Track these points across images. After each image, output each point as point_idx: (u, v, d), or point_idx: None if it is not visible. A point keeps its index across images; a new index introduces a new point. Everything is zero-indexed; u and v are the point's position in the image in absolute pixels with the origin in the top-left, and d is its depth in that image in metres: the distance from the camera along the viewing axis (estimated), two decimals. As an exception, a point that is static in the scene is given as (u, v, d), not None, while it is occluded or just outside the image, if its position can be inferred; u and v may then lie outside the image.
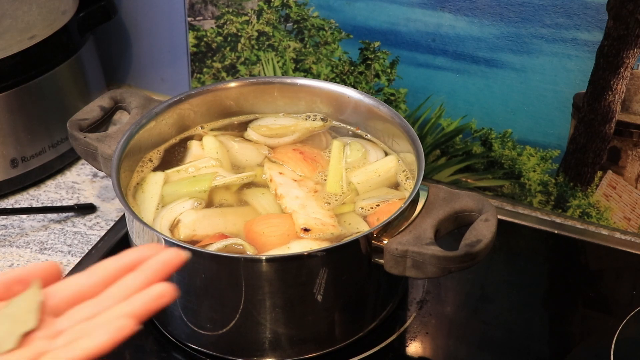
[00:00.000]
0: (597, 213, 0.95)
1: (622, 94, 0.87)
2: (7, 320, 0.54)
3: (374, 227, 0.73)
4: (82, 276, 0.57)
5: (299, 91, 0.93)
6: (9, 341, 0.53)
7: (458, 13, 0.90)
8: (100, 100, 0.92)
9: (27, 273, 0.56)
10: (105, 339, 0.52)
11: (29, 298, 0.55)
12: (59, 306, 0.56)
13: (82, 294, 0.56)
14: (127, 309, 0.54)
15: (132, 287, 0.55)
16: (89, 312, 0.55)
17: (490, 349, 0.83)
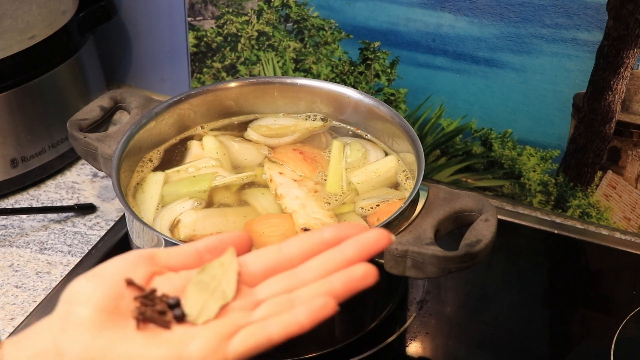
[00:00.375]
0: (597, 213, 0.95)
1: (622, 94, 0.87)
2: (204, 289, 0.52)
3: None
4: (278, 247, 0.55)
5: (299, 91, 0.93)
6: (208, 311, 0.51)
7: (458, 13, 0.90)
8: (100, 100, 0.92)
9: (220, 242, 0.55)
10: (305, 318, 0.50)
11: (225, 267, 0.53)
12: (255, 275, 0.54)
13: (279, 265, 0.54)
14: (327, 287, 0.51)
15: (332, 264, 0.53)
16: (286, 284, 0.52)
17: (490, 349, 0.83)
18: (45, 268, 0.90)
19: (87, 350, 0.49)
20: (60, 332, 0.50)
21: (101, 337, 0.49)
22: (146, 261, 0.53)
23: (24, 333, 0.51)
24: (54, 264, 0.91)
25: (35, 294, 0.87)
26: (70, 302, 0.51)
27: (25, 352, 0.50)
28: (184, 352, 0.49)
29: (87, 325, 0.49)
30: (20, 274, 0.89)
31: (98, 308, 0.50)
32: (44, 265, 0.90)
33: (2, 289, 0.87)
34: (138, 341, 0.50)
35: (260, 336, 0.50)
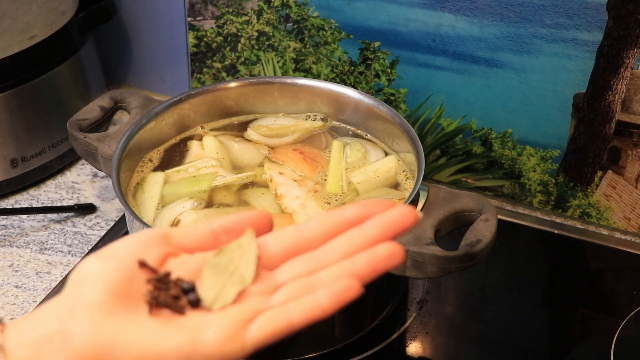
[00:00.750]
0: (597, 213, 0.95)
1: (622, 94, 0.87)
2: (221, 272, 0.49)
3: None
4: (297, 228, 0.52)
5: (299, 91, 0.93)
6: (225, 296, 0.48)
7: (458, 13, 0.90)
8: (100, 100, 0.92)
9: (238, 222, 0.52)
10: (327, 301, 0.47)
11: (243, 249, 0.50)
12: (274, 258, 0.51)
13: (299, 247, 0.51)
14: (351, 269, 0.48)
15: (355, 244, 0.49)
16: (306, 267, 0.50)
17: (490, 349, 0.83)
18: (45, 268, 0.90)
19: (96, 334, 0.46)
20: (67, 315, 0.47)
21: (111, 321, 0.47)
22: (160, 241, 0.51)
23: (28, 316, 0.49)
24: (54, 264, 0.91)
25: (36, 294, 0.87)
26: (79, 283, 0.48)
27: (30, 336, 0.47)
28: (200, 339, 0.47)
29: (96, 308, 0.47)
30: (21, 274, 0.89)
31: (108, 290, 0.48)
32: (44, 265, 0.90)
33: (2, 289, 0.87)
34: (150, 327, 0.47)
35: (281, 321, 0.47)
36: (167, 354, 0.46)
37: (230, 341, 0.47)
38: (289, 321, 0.47)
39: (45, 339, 0.47)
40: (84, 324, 0.46)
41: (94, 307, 0.47)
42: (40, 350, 0.46)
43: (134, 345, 0.46)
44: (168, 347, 0.46)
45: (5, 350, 0.46)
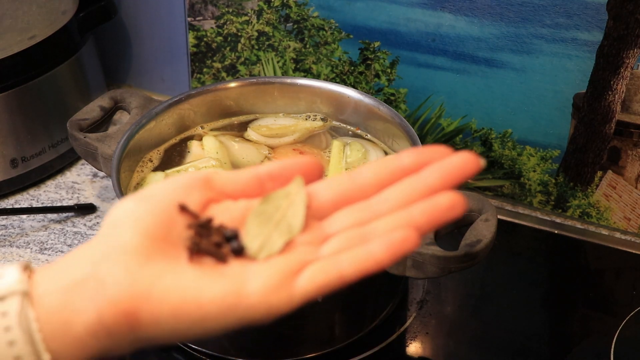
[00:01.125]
0: (597, 213, 0.95)
1: (622, 94, 0.87)
2: (267, 221, 0.46)
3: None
4: (350, 175, 0.48)
5: (299, 91, 0.93)
6: (271, 246, 0.45)
7: (458, 13, 0.90)
8: (100, 100, 0.92)
9: (285, 168, 0.48)
10: (381, 252, 0.43)
11: (291, 197, 0.47)
12: (324, 208, 0.47)
13: (351, 196, 0.47)
14: (407, 219, 0.45)
15: (412, 193, 0.46)
16: (359, 217, 0.46)
17: (490, 349, 0.83)
18: (45, 268, 0.90)
19: (132, 280, 0.43)
20: (101, 259, 0.43)
21: (148, 267, 0.43)
22: (202, 186, 0.47)
23: (59, 261, 0.45)
24: (54, 264, 0.91)
25: (35, 294, 0.87)
26: (114, 225, 0.45)
27: (60, 282, 0.44)
28: (244, 289, 0.43)
29: (132, 253, 0.43)
30: (20, 274, 0.89)
31: (146, 234, 0.44)
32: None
33: (2, 289, 0.88)
34: (190, 275, 0.44)
35: (332, 273, 0.44)
36: (208, 304, 0.43)
37: (276, 292, 0.43)
38: (341, 273, 0.44)
39: (77, 284, 0.43)
40: (118, 269, 0.43)
41: (130, 251, 0.44)
42: (72, 297, 0.43)
43: (172, 293, 0.43)
44: (209, 296, 0.43)
45: (33, 297, 0.43)
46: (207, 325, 0.43)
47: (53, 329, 0.43)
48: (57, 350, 0.43)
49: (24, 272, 0.44)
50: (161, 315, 0.42)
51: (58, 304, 0.43)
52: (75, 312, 0.43)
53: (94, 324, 0.42)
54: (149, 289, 0.42)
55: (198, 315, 0.43)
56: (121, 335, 0.43)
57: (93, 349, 0.43)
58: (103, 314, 0.42)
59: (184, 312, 0.42)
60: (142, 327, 0.43)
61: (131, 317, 0.42)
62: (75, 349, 0.43)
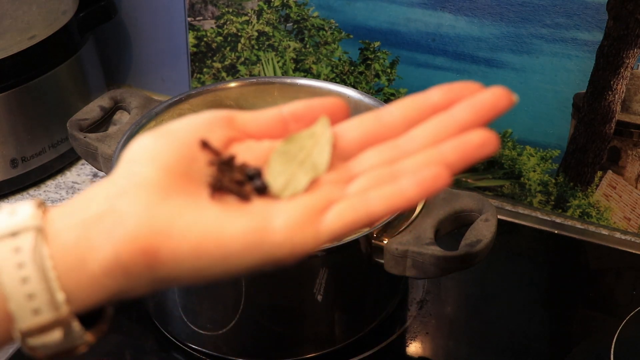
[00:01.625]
0: (597, 213, 0.95)
1: (622, 94, 0.87)
2: (292, 160, 0.45)
3: (374, 227, 0.73)
4: (377, 115, 0.47)
5: (299, 91, 0.93)
6: (296, 184, 0.44)
7: (458, 13, 0.90)
8: (101, 100, 0.92)
9: (310, 109, 0.47)
10: (412, 189, 0.41)
11: (316, 138, 0.45)
12: (350, 148, 0.46)
13: (378, 136, 0.46)
14: (438, 156, 0.43)
15: (442, 130, 0.44)
16: (387, 156, 0.45)
17: (490, 349, 0.83)
18: (45, 268, 0.90)
19: (151, 216, 0.41)
20: (119, 195, 0.42)
21: (168, 203, 0.41)
22: (224, 123, 0.46)
23: (75, 198, 0.43)
24: (54, 264, 0.91)
25: (36, 294, 0.87)
26: (133, 160, 0.43)
27: (76, 218, 0.42)
28: (268, 226, 0.41)
29: (151, 188, 0.41)
30: (21, 274, 0.89)
31: (165, 169, 0.42)
32: (44, 265, 0.90)
33: (2, 289, 0.88)
34: (212, 212, 0.42)
35: (360, 210, 0.42)
36: (230, 241, 0.41)
37: (302, 230, 0.42)
38: (369, 210, 0.42)
39: (94, 220, 0.41)
40: (137, 204, 0.41)
41: (149, 187, 0.42)
42: (87, 233, 0.41)
43: (192, 230, 0.41)
44: (232, 233, 0.41)
45: (47, 233, 0.41)
46: (229, 264, 0.41)
47: (68, 267, 0.41)
48: (71, 289, 0.41)
49: (38, 208, 0.42)
50: (181, 252, 0.41)
51: (73, 240, 0.41)
52: (91, 249, 0.41)
53: (110, 261, 0.41)
54: (169, 225, 0.41)
55: (220, 253, 0.41)
56: (139, 274, 0.41)
57: (109, 289, 0.42)
58: (120, 250, 0.41)
59: (205, 249, 0.41)
60: (161, 266, 0.41)
61: (150, 255, 0.41)
62: (90, 288, 0.41)
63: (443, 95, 0.45)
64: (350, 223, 0.42)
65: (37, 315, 0.41)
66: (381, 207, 0.42)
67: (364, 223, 0.42)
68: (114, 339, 0.83)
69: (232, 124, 0.46)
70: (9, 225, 0.41)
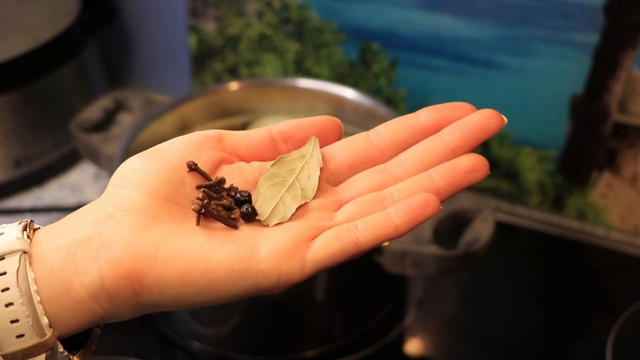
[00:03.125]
0: (594, 213, 0.96)
1: (619, 95, 0.88)
2: (280, 184, 0.44)
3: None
4: (367, 136, 0.45)
5: (300, 92, 0.93)
6: (284, 211, 0.43)
7: (456, 15, 0.91)
8: (103, 101, 0.92)
9: (300, 128, 0.45)
10: (399, 218, 0.41)
11: (305, 159, 0.45)
12: (339, 170, 0.45)
13: (367, 158, 0.45)
14: (427, 182, 0.42)
15: (432, 155, 0.43)
16: (376, 180, 0.44)
17: (488, 348, 0.83)
18: (48, 267, 0.91)
19: (137, 241, 0.40)
20: (105, 219, 0.41)
21: (154, 229, 0.41)
22: (214, 144, 0.45)
23: (63, 220, 0.43)
24: (57, 263, 0.91)
25: (39, 293, 0.87)
26: (120, 184, 0.43)
27: (62, 240, 0.41)
28: (254, 254, 0.41)
29: (138, 212, 0.41)
30: (24, 273, 0.90)
31: (153, 194, 0.42)
32: (47, 264, 0.91)
33: (6, 288, 0.88)
34: (198, 237, 0.41)
35: (346, 239, 0.41)
36: (215, 269, 0.40)
37: (288, 259, 0.41)
38: (356, 239, 0.41)
39: (80, 244, 0.41)
40: (123, 229, 0.41)
41: (136, 212, 0.41)
42: (73, 257, 0.41)
43: (178, 257, 0.40)
44: (218, 261, 0.40)
45: (33, 256, 0.41)
46: (214, 292, 0.41)
47: (53, 291, 0.40)
48: (56, 313, 0.41)
49: (24, 231, 0.42)
50: (166, 279, 0.40)
51: (59, 264, 0.41)
52: (76, 273, 0.40)
53: (95, 286, 0.40)
54: (154, 252, 0.40)
55: (205, 281, 0.40)
56: (123, 299, 0.41)
57: (93, 314, 0.41)
58: (105, 275, 0.40)
59: (190, 277, 0.40)
60: (146, 292, 0.40)
61: (134, 281, 0.40)
62: (75, 312, 0.41)
63: (433, 116, 0.44)
64: (337, 253, 0.41)
65: (21, 340, 0.40)
66: (369, 237, 0.41)
67: (351, 253, 0.41)
68: (116, 338, 0.83)
69: (221, 144, 0.45)
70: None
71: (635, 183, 0.92)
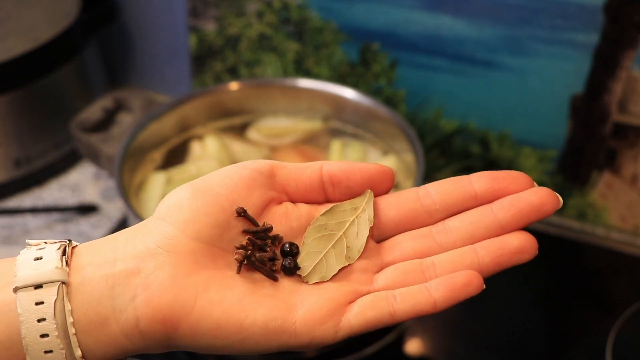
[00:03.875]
0: (594, 213, 0.96)
1: (618, 95, 0.88)
2: (327, 239, 0.42)
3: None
4: (417, 194, 0.43)
5: (300, 92, 0.94)
6: (326, 270, 0.42)
7: (457, 15, 0.91)
8: (103, 101, 0.93)
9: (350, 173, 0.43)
10: (440, 296, 0.40)
11: (356, 213, 0.43)
12: (385, 228, 0.43)
13: (414, 219, 0.43)
14: (472, 259, 0.41)
15: (481, 227, 0.42)
16: (420, 245, 0.43)
17: (488, 348, 0.83)
18: (48, 267, 0.91)
19: (176, 288, 0.40)
20: (148, 256, 0.40)
21: (195, 275, 0.40)
22: (265, 181, 0.43)
23: (102, 243, 0.42)
24: (57, 263, 0.91)
25: (39, 293, 0.88)
26: (165, 219, 0.41)
27: (103, 271, 0.41)
28: (290, 315, 0.40)
29: (180, 257, 0.40)
30: (24, 273, 0.90)
31: (198, 237, 0.41)
32: (47, 264, 0.91)
33: (7, 288, 0.88)
34: (237, 290, 0.40)
35: (383, 310, 0.40)
36: (250, 325, 0.40)
37: (323, 323, 0.40)
38: (393, 312, 0.40)
39: (119, 279, 0.40)
40: (164, 271, 0.40)
41: (178, 255, 0.40)
42: (112, 292, 0.40)
43: (215, 309, 0.40)
44: (254, 318, 0.40)
45: (72, 286, 0.40)
46: (245, 347, 0.40)
47: (88, 324, 0.40)
48: (89, 346, 0.40)
49: (63, 256, 0.41)
50: (200, 329, 0.40)
51: (97, 297, 0.40)
52: (113, 309, 0.40)
53: (130, 325, 0.40)
54: (193, 301, 0.40)
55: (239, 337, 0.40)
56: (155, 340, 0.41)
57: (125, 349, 0.41)
58: (141, 317, 0.40)
59: (224, 331, 0.40)
60: (179, 337, 0.40)
61: (169, 326, 0.40)
62: (107, 347, 0.41)
63: (488, 185, 0.43)
64: (372, 322, 0.40)
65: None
66: (406, 310, 0.40)
67: (386, 323, 0.41)
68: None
69: (272, 181, 0.44)
70: (33, 275, 0.40)
71: (635, 183, 0.92)
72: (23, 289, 0.40)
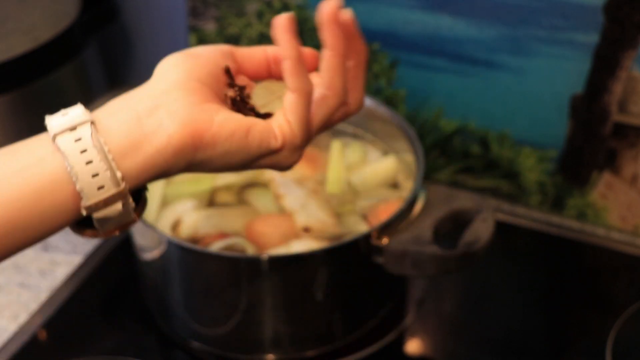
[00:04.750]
0: (594, 213, 0.96)
1: (618, 95, 0.88)
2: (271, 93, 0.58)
3: (374, 227, 0.74)
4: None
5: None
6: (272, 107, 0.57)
7: (457, 15, 0.91)
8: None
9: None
10: None
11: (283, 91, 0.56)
12: None
13: None
14: None
15: None
16: None
17: (488, 348, 0.83)
18: (48, 267, 0.91)
19: (196, 110, 0.50)
20: (162, 93, 0.50)
21: (207, 104, 0.51)
22: (229, 56, 0.56)
23: (112, 103, 0.51)
24: (57, 262, 0.91)
25: (39, 293, 0.88)
26: (166, 70, 0.53)
27: (126, 115, 0.50)
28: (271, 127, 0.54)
29: (188, 89, 0.51)
30: (24, 273, 0.90)
31: (198, 78, 0.52)
32: (47, 264, 0.91)
33: (6, 288, 0.88)
34: (235, 115, 0.52)
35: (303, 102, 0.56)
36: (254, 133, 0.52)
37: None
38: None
39: (145, 114, 0.49)
40: (181, 100, 0.50)
41: (186, 89, 0.51)
42: (140, 126, 0.49)
43: (228, 122, 0.51)
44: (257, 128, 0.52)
45: (98, 124, 0.49)
46: (249, 150, 0.52)
47: (123, 150, 0.48)
48: (126, 169, 0.48)
49: (86, 109, 0.50)
50: (220, 136, 0.50)
51: (125, 131, 0.49)
52: (145, 135, 0.49)
53: (164, 143, 0.49)
54: (210, 118, 0.50)
55: (246, 141, 0.51)
56: (185, 153, 0.50)
57: (156, 169, 0.49)
58: (173, 134, 0.49)
59: (237, 136, 0.51)
60: (204, 147, 0.50)
61: (197, 137, 0.49)
62: (143, 166, 0.49)
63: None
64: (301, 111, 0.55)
65: (102, 191, 0.48)
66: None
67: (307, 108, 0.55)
68: (116, 338, 0.83)
69: (234, 57, 0.57)
70: (65, 122, 0.49)
71: (635, 183, 0.92)
72: (61, 135, 0.48)
